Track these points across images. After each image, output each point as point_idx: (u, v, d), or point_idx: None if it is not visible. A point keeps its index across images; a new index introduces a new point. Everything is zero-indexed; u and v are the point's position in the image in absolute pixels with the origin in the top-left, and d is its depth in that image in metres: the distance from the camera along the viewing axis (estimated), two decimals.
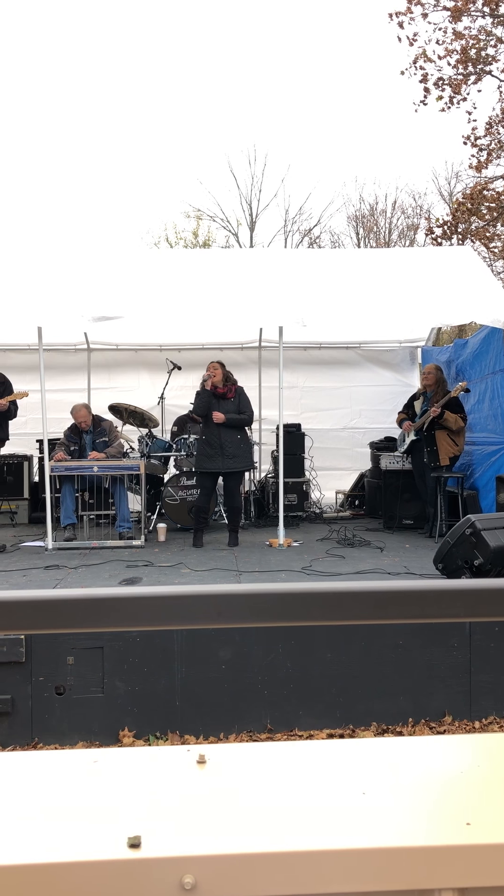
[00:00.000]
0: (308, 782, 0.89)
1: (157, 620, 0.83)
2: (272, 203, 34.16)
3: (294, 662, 4.49)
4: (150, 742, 4.36)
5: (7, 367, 7.51)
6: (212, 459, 6.63)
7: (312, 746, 1.00)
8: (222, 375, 6.69)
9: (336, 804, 0.84)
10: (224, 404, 6.62)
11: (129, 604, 0.82)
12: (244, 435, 6.80)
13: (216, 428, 6.59)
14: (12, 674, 4.36)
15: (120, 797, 0.85)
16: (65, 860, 0.73)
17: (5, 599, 0.82)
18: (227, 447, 6.58)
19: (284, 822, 0.80)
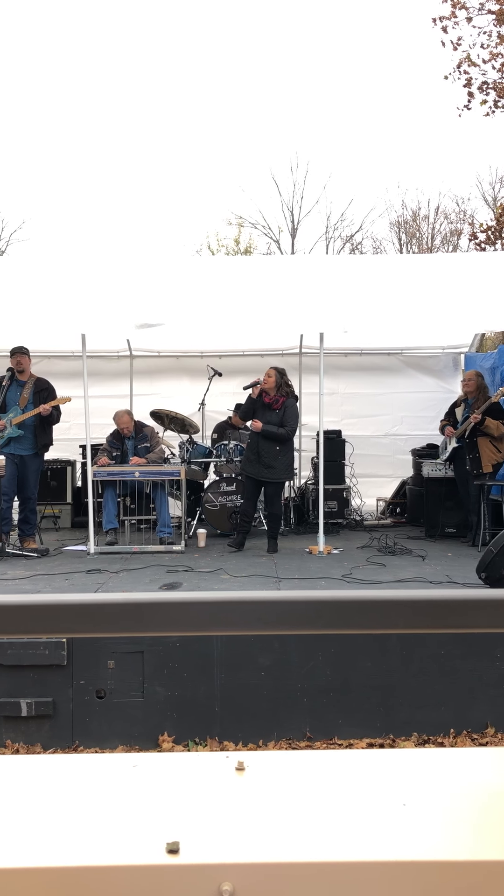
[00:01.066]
0: (348, 792, 0.88)
1: (197, 626, 0.83)
2: (314, 210, 34.19)
3: (334, 670, 4.47)
4: (190, 748, 4.37)
5: (52, 373, 7.62)
6: (251, 464, 6.66)
7: (352, 756, 0.99)
8: (274, 384, 6.67)
9: (377, 815, 0.83)
10: (268, 414, 6.61)
11: (170, 609, 0.82)
12: (284, 447, 6.69)
13: (256, 435, 6.60)
14: (54, 677, 4.41)
15: (159, 802, 0.85)
16: (103, 864, 0.74)
17: (48, 603, 0.83)
18: (263, 456, 6.58)
19: (324, 831, 0.80)
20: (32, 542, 6.96)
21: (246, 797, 0.86)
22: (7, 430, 6.73)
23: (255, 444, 6.63)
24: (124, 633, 0.83)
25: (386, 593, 0.83)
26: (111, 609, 0.82)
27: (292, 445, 6.95)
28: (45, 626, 0.82)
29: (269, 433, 6.55)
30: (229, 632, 0.84)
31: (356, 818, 0.82)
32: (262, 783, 0.90)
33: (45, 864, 0.74)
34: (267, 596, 0.83)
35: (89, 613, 0.82)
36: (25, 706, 4.38)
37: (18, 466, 6.81)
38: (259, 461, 6.58)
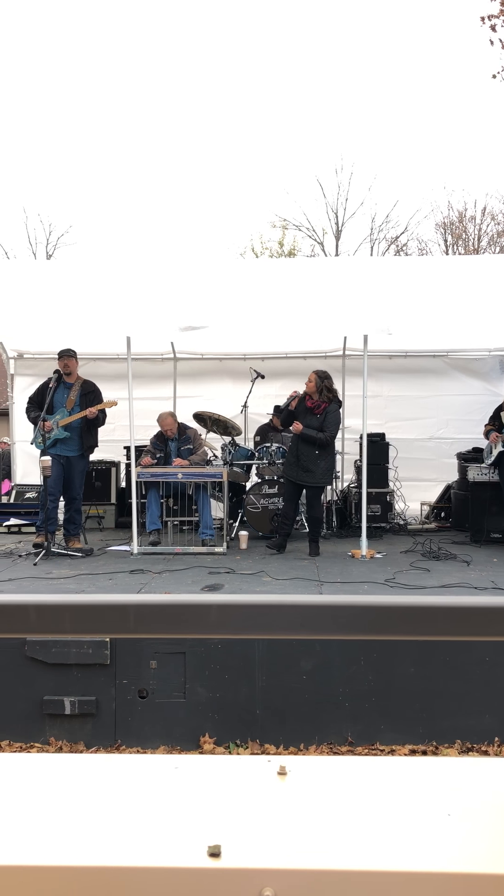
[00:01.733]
0: (391, 800, 0.87)
1: (239, 629, 0.83)
2: (358, 212, 34.03)
3: (376, 675, 4.43)
4: (231, 750, 4.37)
5: (98, 375, 7.71)
6: (290, 467, 6.67)
7: (396, 763, 0.98)
8: (315, 388, 6.65)
9: (420, 825, 0.82)
10: (309, 418, 6.60)
11: (212, 611, 0.82)
12: (324, 451, 6.62)
13: (296, 438, 6.60)
14: (97, 676, 4.46)
15: (200, 805, 0.85)
16: (145, 865, 0.74)
17: (92, 603, 0.83)
18: (302, 460, 6.56)
19: (367, 839, 0.79)
20: (77, 541, 7.05)
21: (288, 802, 0.86)
22: (54, 431, 6.83)
23: (295, 447, 6.63)
24: (166, 634, 0.84)
25: (430, 599, 0.82)
26: (154, 610, 0.83)
27: (333, 450, 6.89)
28: (89, 627, 0.83)
29: (307, 436, 6.53)
30: (271, 636, 0.83)
31: (399, 827, 0.81)
32: (304, 788, 0.89)
33: (87, 863, 0.74)
34: (309, 600, 0.82)
35: (132, 614, 0.83)
36: (69, 704, 4.44)
37: (64, 467, 6.90)
38: (298, 464, 6.57)
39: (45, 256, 29.44)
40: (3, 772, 0.93)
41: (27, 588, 5.43)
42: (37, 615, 0.83)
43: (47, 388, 6.92)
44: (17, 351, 9.55)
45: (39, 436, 6.83)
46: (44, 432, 6.78)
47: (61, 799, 0.86)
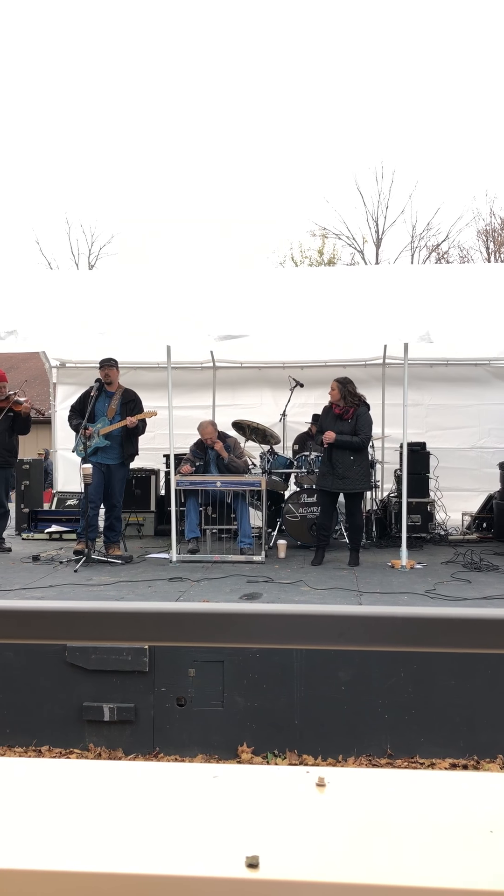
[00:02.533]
0: (432, 815, 0.86)
1: (277, 639, 0.82)
2: (399, 219, 33.87)
3: (416, 687, 4.37)
4: (269, 759, 4.35)
5: (138, 384, 7.79)
6: (325, 477, 6.62)
7: (437, 777, 0.96)
8: (339, 394, 6.64)
9: (462, 841, 0.81)
10: (340, 424, 6.58)
11: (251, 621, 0.82)
12: (359, 456, 6.60)
13: (329, 447, 6.56)
14: (136, 683, 4.48)
15: (238, 815, 0.85)
16: (181, 874, 0.74)
17: (131, 611, 0.84)
18: (337, 467, 6.53)
19: (407, 854, 0.78)
20: (117, 548, 7.11)
21: (326, 814, 0.85)
22: (95, 440, 6.91)
23: (328, 456, 6.59)
24: (205, 643, 0.84)
25: (471, 611, 0.80)
26: (193, 619, 0.83)
27: (367, 454, 6.86)
28: (128, 634, 0.84)
29: (342, 443, 6.51)
30: (310, 646, 0.83)
31: (440, 843, 0.80)
32: (343, 800, 0.88)
33: (124, 870, 0.74)
34: (348, 611, 0.82)
35: (171, 623, 0.83)
36: (108, 711, 4.46)
37: (105, 475, 6.97)
38: (334, 473, 6.54)
39: (88, 266, 29.88)
40: (44, 778, 0.94)
41: (68, 594, 5.49)
42: (77, 622, 0.84)
43: (89, 396, 7.01)
44: (59, 360, 9.70)
45: (81, 444, 6.91)
46: (85, 440, 6.87)
47: (100, 806, 0.87)
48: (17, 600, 0.91)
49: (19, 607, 0.84)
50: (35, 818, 0.84)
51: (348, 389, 6.67)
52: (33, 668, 4.55)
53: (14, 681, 4.56)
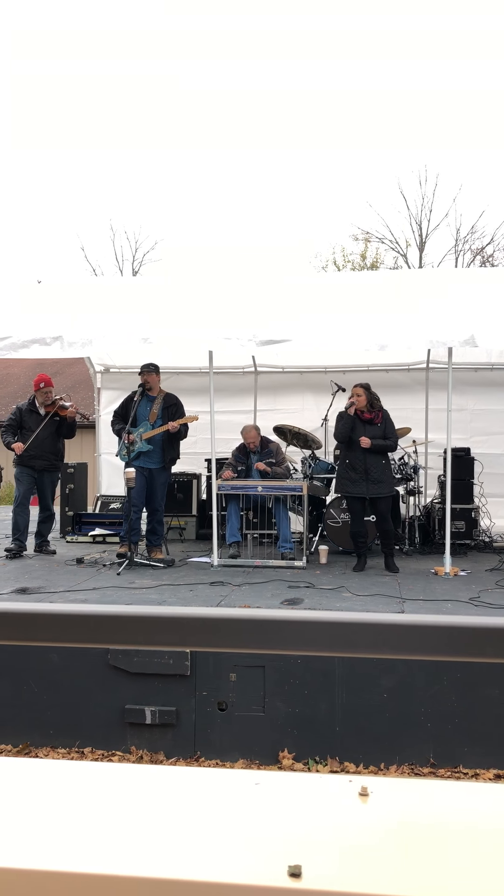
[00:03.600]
0: (477, 828, 0.84)
1: (319, 646, 0.82)
2: (443, 223, 33.52)
3: (460, 696, 4.31)
4: (310, 766, 4.33)
5: (180, 389, 7.84)
6: (356, 484, 6.55)
7: (482, 789, 0.95)
8: (367, 400, 6.62)
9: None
10: (370, 429, 6.56)
11: (292, 627, 0.81)
12: (388, 460, 6.73)
13: (361, 453, 6.52)
14: (177, 687, 4.50)
15: (280, 823, 0.84)
16: (223, 881, 0.73)
17: (173, 615, 0.84)
18: (371, 472, 6.49)
19: (452, 868, 0.76)
20: (159, 552, 7.15)
21: (370, 825, 0.84)
22: (137, 444, 6.97)
23: (360, 461, 6.53)
24: (246, 649, 0.84)
25: None
26: (234, 624, 0.83)
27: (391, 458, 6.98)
28: (170, 639, 0.84)
29: (378, 447, 6.53)
30: (351, 654, 0.82)
31: (485, 857, 0.78)
32: (386, 811, 0.87)
33: (166, 875, 0.74)
34: (391, 619, 0.81)
35: (212, 627, 0.83)
36: (150, 714, 4.49)
37: (147, 479, 7.03)
38: (367, 478, 6.50)
39: (132, 272, 30.20)
40: (86, 780, 0.95)
41: (110, 597, 5.54)
42: (120, 626, 0.84)
43: (131, 401, 7.07)
44: (103, 365, 9.81)
45: (124, 448, 6.98)
46: (128, 445, 6.93)
47: (142, 811, 0.87)
48: (62, 604, 0.93)
49: (64, 611, 0.85)
50: (77, 822, 0.84)
51: (374, 394, 6.72)
52: (77, 671, 4.61)
53: (58, 683, 4.61)
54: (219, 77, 42.29)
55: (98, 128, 43.45)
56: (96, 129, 43.39)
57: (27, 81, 43.81)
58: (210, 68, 42.24)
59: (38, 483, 7.57)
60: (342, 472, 6.73)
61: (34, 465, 7.46)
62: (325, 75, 40.69)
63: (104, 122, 43.73)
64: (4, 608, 0.85)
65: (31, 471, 7.48)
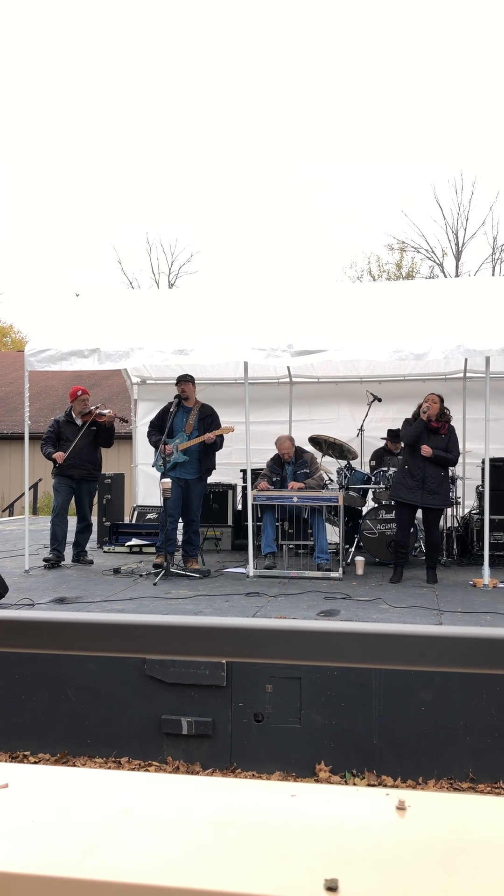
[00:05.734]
0: None
1: (356, 658, 0.81)
2: (479, 231, 33.21)
3: (499, 710, 4.24)
4: (347, 779, 4.29)
5: (216, 399, 7.87)
6: (411, 491, 6.49)
7: None
8: (439, 409, 6.58)
9: None
10: (435, 439, 6.52)
11: (329, 639, 0.81)
12: (447, 472, 6.69)
13: (422, 461, 6.46)
14: (214, 697, 4.50)
15: (317, 836, 0.84)
16: (258, 894, 0.73)
17: (210, 625, 0.84)
18: (429, 482, 6.43)
19: (492, 887, 0.75)
20: (195, 562, 7.17)
21: (407, 839, 0.83)
22: (174, 455, 7.01)
23: (419, 469, 6.47)
24: (282, 660, 0.83)
25: None
26: (270, 635, 0.82)
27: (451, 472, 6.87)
28: (206, 649, 0.84)
29: (438, 458, 6.47)
30: (389, 666, 0.81)
31: None
32: (424, 825, 0.86)
33: (198, 886, 0.74)
34: (429, 631, 0.80)
35: (248, 638, 0.83)
36: (186, 724, 4.49)
37: (183, 489, 7.06)
38: (423, 487, 6.44)
39: (168, 285, 30.46)
40: (125, 790, 0.95)
41: (147, 607, 5.57)
42: (156, 636, 0.85)
43: (168, 412, 7.12)
44: (140, 377, 9.91)
45: (160, 459, 7.02)
46: (164, 455, 6.97)
47: (177, 821, 0.87)
48: (99, 613, 0.93)
49: (101, 620, 0.86)
50: (114, 831, 0.85)
51: (444, 405, 6.70)
52: (114, 681, 4.63)
53: (95, 692, 4.64)
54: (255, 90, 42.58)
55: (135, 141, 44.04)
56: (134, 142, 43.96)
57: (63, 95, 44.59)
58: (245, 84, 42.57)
59: (77, 493, 7.65)
60: (399, 477, 6.67)
61: (72, 474, 7.54)
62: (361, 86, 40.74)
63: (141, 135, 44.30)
64: (42, 617, 0.86)
65: (69, 480, 7.57)
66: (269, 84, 42.92)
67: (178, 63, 43.50)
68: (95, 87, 45.18)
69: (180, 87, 43.98)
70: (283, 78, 42.38)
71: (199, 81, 43.55)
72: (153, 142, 44.10)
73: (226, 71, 42.92)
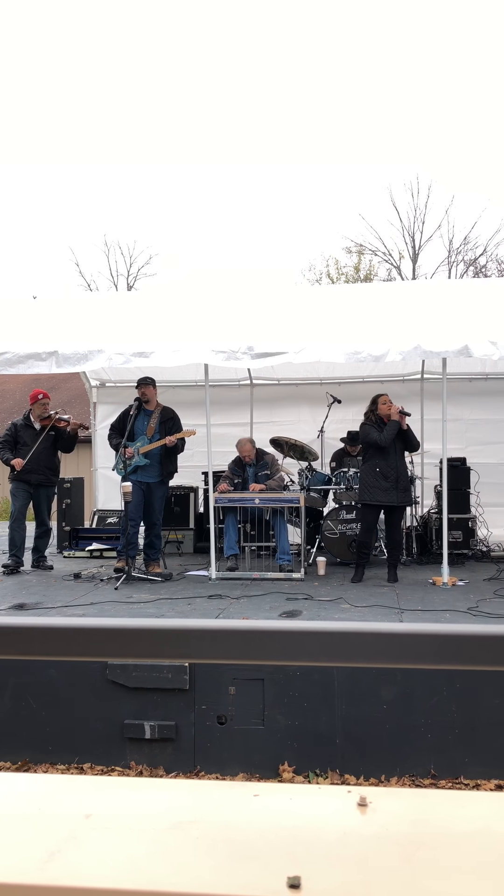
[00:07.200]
0: (478, 838, 0.84)
1: (318, 657, 0.82)
2: (435, 234, 33.62)
3: (460, 706, 4.30)
4: (310, 779, 4.31)
5: (176, 402, 7.85)
6: (387, 492, 6.52)
7: (482, 799, 0.95)
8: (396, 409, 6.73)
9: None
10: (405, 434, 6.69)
11: (291, 638, 0.81)
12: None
13: (393, 460, 6.55)
14: (176, 701, 4.48)
15: (279, 834, 0.84)
16: (222, 893, 0.73)
17: (172, 628, 0.84)
18: (401, 480, 6.58)
19: (452, 878, 0.76)
20: (157, 566, 7.14)
21: (369, 835, 0.84)
22: (135, 458, 6.97)
23: (392, 469, 6.54)
24: (245, 661, 0.84)
25: None
26: (233, 637, 0.83)
27: None
28: (169, 651, 0.84)
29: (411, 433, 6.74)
30: (351, 664, 0.82)
31: (486, 868, 0.78)
32: (385, 821, 0.87)
33: (162, 888, 0.74)
34: (390, 628, 0.81)
35: (211, 640, 0.83)
36: (149, 728, 4.47)
37: (145, 493, 7.02)
38: (397, 486, 6.53)
39: (126, 287, 30.26)
40: (87, 795, 0.94)
41: (108, 611, 5.52)
42: (118, 639, 0.84)
43: (128, 415, 7.08)
44: (99, 380, 9.83)
45: (121, 462, 6.98)
46: (125, 459, 6.93)
47: (140, 823, 0.87)
48: (60, 618, 0.93)
49: (61, 625, 0.85)
50: (77, 837, 0.84)
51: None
52: (75, 686, 4.59)
53: (56, 698, 4.59)
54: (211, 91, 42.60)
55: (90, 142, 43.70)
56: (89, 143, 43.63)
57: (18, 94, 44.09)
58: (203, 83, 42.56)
59: (34, 498, 7.55)
60: (371, 480, 6.59)
61: (30, 479, 7.44)
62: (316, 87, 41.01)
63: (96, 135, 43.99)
64: (1, 623, 0.85)
65: (26, 486, 7.46)
66: (228, 85, 42.98)
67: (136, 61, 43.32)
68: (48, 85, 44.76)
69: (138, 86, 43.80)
70: (240, 79, 42.47)
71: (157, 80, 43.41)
72: (111, 141, 43.83)
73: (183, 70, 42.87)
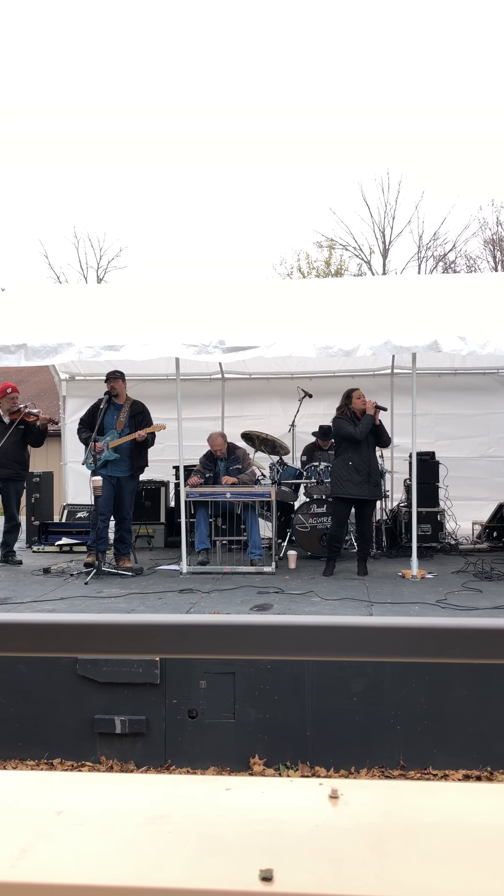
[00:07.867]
0: (447, 828, 0.85)
1: (289, 650, 0.82)
2: (405, 230, 33.84)
3: (428, 698, 4.35)
4: (281, 772, 4.33)
5: (147, 396, 7.81)
6: (359, 486, 6.56)
7: (450, 789, 0.96)
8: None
9: (478, 854, 0.80)
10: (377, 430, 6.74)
11: (262, 632, 0.82)
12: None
13: (366, 454, 6.59)
14: (147, 695, 4.47)
15: (251, 827, 0.85)
16: (195, 887, 0.73)
17: (142, 623, 0.84)
18: (373, 474, 6.63)
19: (422, 867, 0.77)
20: (127, 560, 7.11)
21: (340, 826, 0.85)
22: (104, 452, 6.93)
23: (364, 463, 6.58)
24: (216, 655, 0.84)
25: (483, 621, 0.80)
26: (203, 631, 0.83)
27: None
28: (139, 647, 0.84)
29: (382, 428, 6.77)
30: (321, 657, 0.83)
31: (454, 855, 0.80)
32: (356, 812, 0.88)
33: (138, 883, 0.74)
34: (360, 621, 0.82)
35: (182, 634, 0.83)
36: (119, 723, 4.46)
37: (115, 487, 6.98)
38: (368, 481, 6.57)
39: (97, 279, 30.02)
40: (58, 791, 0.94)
41: (78, 607, 5.49)
42: (88, 634, 0.84)
43: (98, 409, 7.03)
44: (68, 373, 9.74)
45: (90, 456, 6.93)
46: (94, 453, 6.88)
47: (112, 818, 0.86)
48: (29, 613, 0.92)
49: (31, 620, 0.84)
50: (48, 833, 0.84)
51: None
52: (45, 681, 4.55)
53: (26, 694, 4.56)
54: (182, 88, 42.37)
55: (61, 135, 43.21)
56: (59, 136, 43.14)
57: None
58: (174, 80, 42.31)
59: (3, 492, 7.47)
60: (343, 473, 6.61)
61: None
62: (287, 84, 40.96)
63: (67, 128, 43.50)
64: None
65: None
66: (198, 80, 42.75)
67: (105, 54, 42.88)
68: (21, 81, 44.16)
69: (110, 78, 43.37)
70: (211, 73, 42.27)
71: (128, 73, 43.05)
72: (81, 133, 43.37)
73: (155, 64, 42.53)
